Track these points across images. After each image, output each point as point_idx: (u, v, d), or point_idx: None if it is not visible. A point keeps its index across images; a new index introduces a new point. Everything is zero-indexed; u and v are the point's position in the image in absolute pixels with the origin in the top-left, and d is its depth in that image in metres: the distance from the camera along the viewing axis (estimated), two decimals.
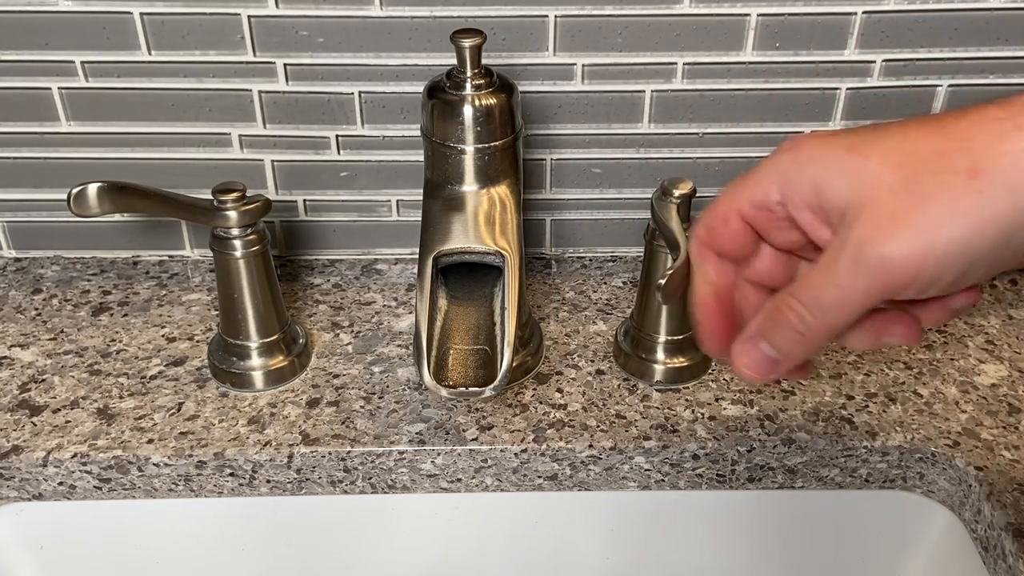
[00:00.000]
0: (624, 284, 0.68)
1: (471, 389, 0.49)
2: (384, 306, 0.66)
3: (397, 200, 0.68)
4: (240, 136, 0.65)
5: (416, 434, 0.55)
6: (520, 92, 0.54)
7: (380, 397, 0.58)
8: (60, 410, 0.57)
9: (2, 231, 0.69)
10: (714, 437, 0.55)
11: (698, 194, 0.54)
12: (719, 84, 0.63)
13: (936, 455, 0.55)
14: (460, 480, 0.56)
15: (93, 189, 0.54)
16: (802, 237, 0.36)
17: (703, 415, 0.57)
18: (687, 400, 0.58)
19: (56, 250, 0.70)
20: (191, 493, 0.56)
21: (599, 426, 0.56)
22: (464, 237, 0.53)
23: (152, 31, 0.60)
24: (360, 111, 0.64)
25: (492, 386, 0.49)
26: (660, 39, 0.61)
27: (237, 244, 0.54)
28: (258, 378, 0.58)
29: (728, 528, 0.60)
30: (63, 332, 0.63)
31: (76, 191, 0.54)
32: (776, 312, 0.35)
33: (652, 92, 0.63)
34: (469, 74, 0.52)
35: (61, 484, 0.55)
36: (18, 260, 0.70)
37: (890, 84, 0.63)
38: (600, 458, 0.55)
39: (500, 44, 0.61)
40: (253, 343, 0.58)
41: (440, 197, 0.54)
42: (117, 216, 0.68)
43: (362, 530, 0.59)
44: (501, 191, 0.54)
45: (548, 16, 0.60)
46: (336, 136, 0.65)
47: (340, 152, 0.66)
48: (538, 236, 0.70)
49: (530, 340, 0.60)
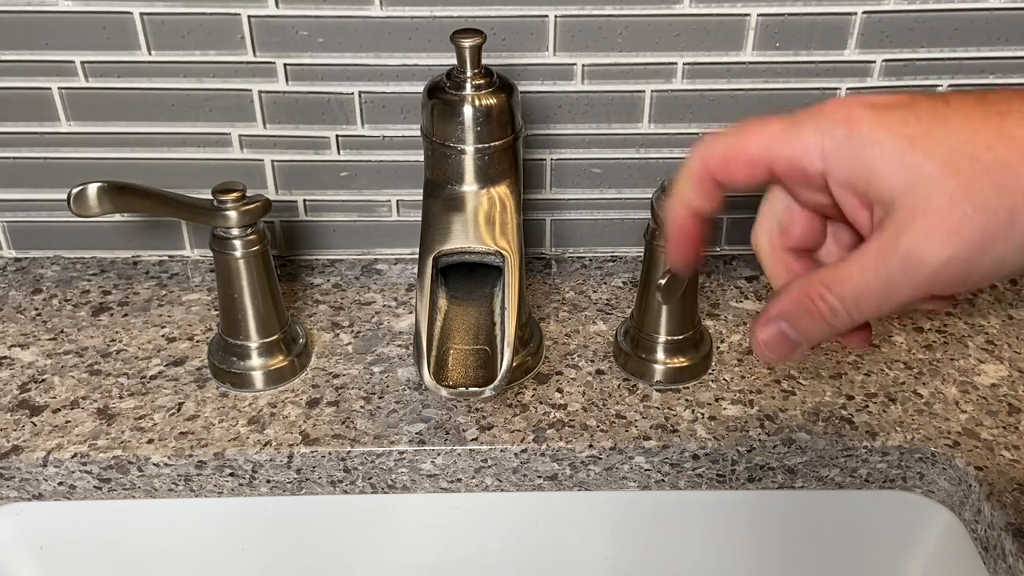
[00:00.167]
0: (624, 284, 0.68)
1: (471, 389, 0.49)
2: (384, 306, 0.66)
3: (397, 200, 0.68)
4: (240, 136, 0.65)
5: (416, 434, 0.55)
6: (520, 92, 0.54)
7: (380, 397, 0.58)
8: (60, 410, 0.57)
9: (2, 231, 0.69)
10: (714, 437, 0.55)
11: None
12: (719, 84, 0.63)
13: (936, 455, 0.55)
14: (460, 480, 0.56)
15: (93, 189, 0.54)
16: (831, 204, 0.36)
17: (703, 415, 0.57)
18: (687, 400, 0.58)
19: (56, 250, 0.70)
20: (191, 493, 0.56)
21: (599, 426, 0.56)
22: (464, 237, 0.53)
23: (152, 31, 0.60)
24: (360, 111, 0.64)
25: (492, 386, 0.49)
26: (660, 39, 0.61)
27: (237, 244, 0.54)
28: (258, 378, 0.58)
29: (728, 528, 0.60)
30: (63, 332, 0.63)
31: (76, 191, 0.54)
32: (807, 301, 0.34)
33: (652, 92, 0.63)
34: (469, 74, 0.52)
35: (61, 484, 0.55)
36: (18, 260, 0.70)
37: (890, 84, 0.63)
38: (600, 458, 0.55)
39: (500, 44, 0.61)
40: (253, 343, 0.58)
41: (440, 197, 0.54)
42: (117, 216, 0.68)
43: (362, 530, 0.59)
44: (501, 191, 0.54)
45: (548, 16, 0.60)
46: (336, 136, 0.65)
47: (340, 152, 0.66)
48: (538, 236, 0.70)
49: (530, 340, 0.60)
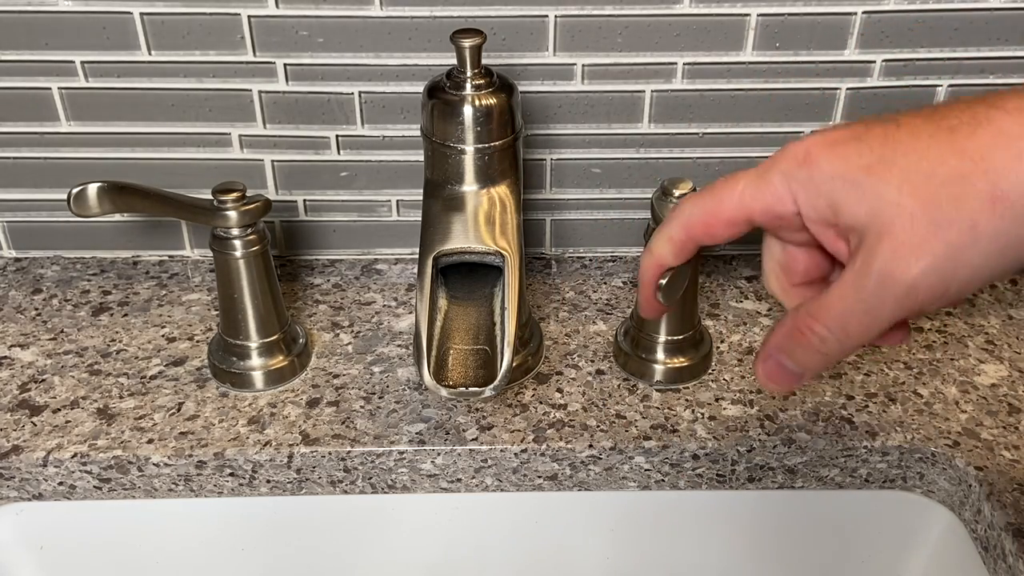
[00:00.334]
0: (624, 284, 0.68)
1: (471, 389, 0.49)
2: (384, 306, 0.66)
3: (397, 200, 0.68)
4: (240, 136, 0.65)
5: (416, 434, 0.55)
6: (520, 92, 0.54)
7: (380, 397, 0.58)
8: (60, 410, 0.57)
9: (2, 231, 0.69)
10: (714, 437, 0.55)
11: None
12: (719, 84, 0.63)
13: (936, 455, 0.55)
14: (460, 480, 0.56)
15: (93, 189, 0.54)
16: (812, 239, 0.37)
17: (703, 415, 0.57)
18: (687, 400, 0.58)
19: (56, 250, 0.70)
20: (191, 493, 0.56)
21: (599, 426, 0.56)
22: (464, 237, 0.53)
23: (152, 31, 0.60)
24: (360, 111, 0.64)
25: (492, 386, 0.49)
26: (660, 39, 0.61)
27: (237, 244, 0.54)
28: (258, 378, 0.58)
29: (728, 528, 0.60)
30: (63, 332, 0.63)
31: (76, 191, 0.54)
32: (798, 334, 0.36)
33: (652, 92, 0.63)
34: (469, 74, 0.52)
35: (61, 484, 0.55)
36: (18, 260, 0.70)
37: (890, 84, 0.63)
38: (600, 458, 0.55)
39: (500, 44, 0.61)
40: (253, 343, 0.58)
41: (440, 197, 0.54)
42: (117, 216, 0.68)
43: (362, 530, 0.59)
44: (501, 191, 0.54)
45: (548, 16, 0.60)
46: (336, 136, 0.65)
47: (340, 152, 0.66)
48: (538, 236, 0.70)
49: (530, 340, 0.60)
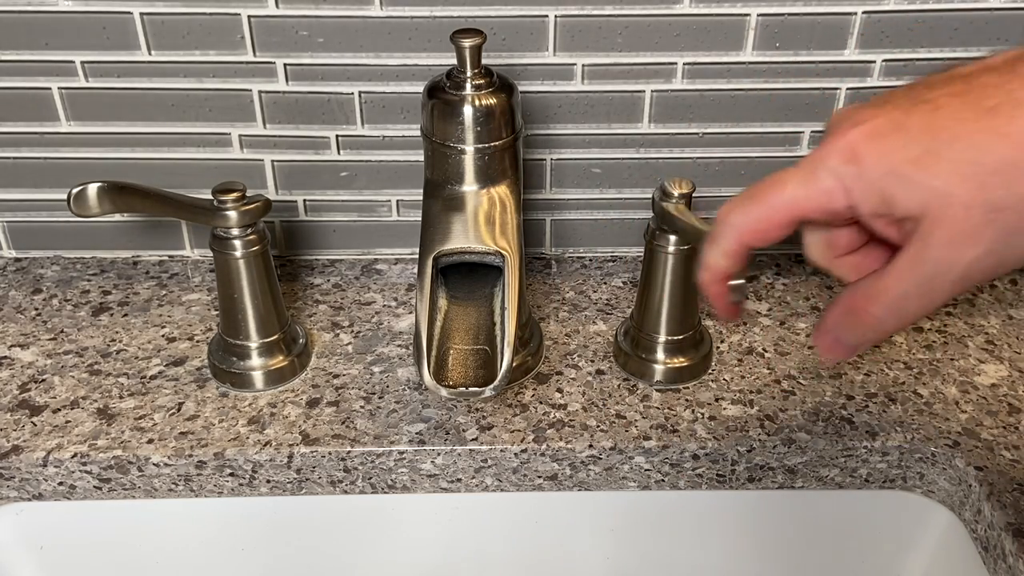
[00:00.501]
0: (624, 284, 0.68)
1: (471, 389, 0.49)
2: (384, 306, 0.66)
3: (397, 200, 0.68)
4: (240, 136, 0.65)
5: (416, 434, 0.55)
6: (520, 92, 0.54)
7: (380, 397, 0.58)
8: (60, 410, 0.57)
9: (2, 231, 0.69)
10: (714, 437, 0.55)
11: (698, 194, 0.54)
12: (719, 84, 0.63)
13: (936, 455, 0.55)
14: (460, 480, 0.56)
15: (93, 189, 0.54)
16: (863, 228, 0.39)
17: (703, 415, 0.57)
18: (687, 400, 0.58)
19: (56, 250, 0.70)
20: (191, 493, 0.56)
21: (599, 426, 0.56)
22: (464, 237, 0.53)
23: (152, 31, 0.60)
24: (360, 111, 0.64)
25: (492, 386, 0.49)
26: (660, 39, 0.61)
27: (237, 244, 0.54)
28: (258, 378, 0.58)
29: (728, 528, 0.60)
30: (63, 332, 0.63)
31: (76, 191, 0.54)
32: (853, 315, 0.39)
33: (652, 92, 0.63)
34: (469, 74, 0.51)
35: (61, 484, 0.55)
36: (18, 260, 0.70)
37: (890, 84, 0.63)
38: (600, 458, 0.55)
39: (500, 44, 0.61)
40: (253, 343, 0.58)
41: (440, 197, 0.54)
42: (117, 216, 0.68)
43: (362, 530, 0.59)
44: (501, 191, 0.54)
45: (548, 16, 0.60)
46: (336, 136, 0.65)
47: (340, 152, 0.66)
48: (538, 236, 0.70)
49: (530, 340, 0.60)
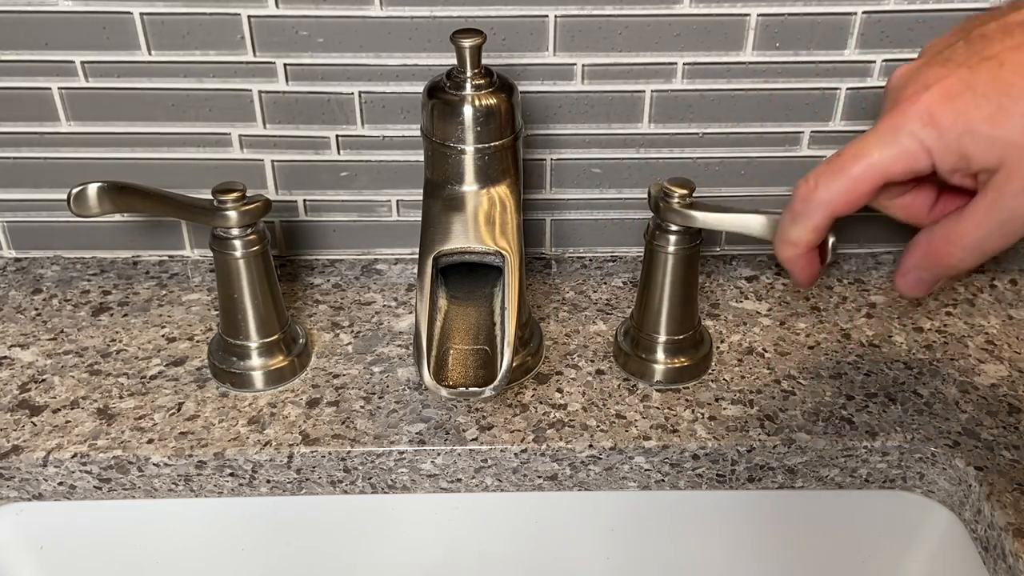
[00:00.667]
0: (624, 284, 0.68)
1: (471, 389, 0.49)
2: (384, 306, 0.66)
3: (397, 200, 0.68)
4: (240, 136, 0.65)
5: (416, 434, 0.55)
6: (520, 92, 0.54)
7: (380, 397, 0.58)
8: (60, 410, 0.57)
9: (2, 231, 0.69)
10: (714, 437, 0.55)
11: (698, 194, 0.54)
12: (719, 84, 0.63)
13: (936, 455, 0.55)
14: (460, 480, 0.56)
15: (93, 189, 0.54)
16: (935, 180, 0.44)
17: (703, 415, 0.57)
18: (687, 400, 0.58)
19: (56, 250, 0.70)
20: (191, 493, 0.56)
21: (599, 426, 0.56)
22: (464, 237, 0.53)
23: (152, 31, 0.60)
24: (360, 111, 0.64)
25: (492, 386, 0.49)
26: (660, 39, 0.61)
27: (237, 244, 0.54)
28: (258, 378, 0.58)
29: (728, 528, 0.60)
30: (63, 332, 0.63)
31: (76, 191, 0.54)
32: (934, 257, 0.44)
33: (652, 92, 0.63)
34: (469, 74, 0.51)
35: (61, 484, 0.55)
36: (18, 260, 0.70)
37: None
38: (600, 458, 0.55)
39: (500, 44, 0.61)
40: (253, 343, 0.58)
41: (440, 197, 0.54)
42: (117, 216, 0.68)
43: (362, 530, 0.59)
44: (501, 191, 0.54)
45: (548, 16, 0.60)
46: (336, 136, 0.65)
47: (340, 152, 0.66)
48: (538, 236, 0.70)
49: (530, 340, 0.60)
